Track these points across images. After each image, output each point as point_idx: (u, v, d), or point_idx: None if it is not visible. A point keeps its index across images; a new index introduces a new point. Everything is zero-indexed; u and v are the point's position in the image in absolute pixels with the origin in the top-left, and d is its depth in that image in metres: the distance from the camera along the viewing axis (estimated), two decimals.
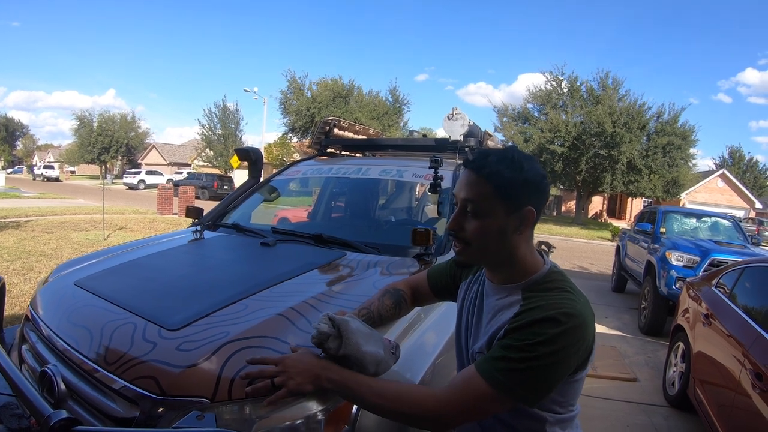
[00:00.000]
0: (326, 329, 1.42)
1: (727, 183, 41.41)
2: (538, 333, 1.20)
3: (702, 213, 10.23)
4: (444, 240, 2.76)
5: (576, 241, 23.73)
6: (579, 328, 1.22)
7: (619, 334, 7.43)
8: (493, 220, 1.32)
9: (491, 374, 1.22)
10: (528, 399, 1.24)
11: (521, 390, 1.21)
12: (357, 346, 1.41)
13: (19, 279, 7.22)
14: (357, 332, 1.44)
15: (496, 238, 1.33)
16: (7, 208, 18.31)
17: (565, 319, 1.21)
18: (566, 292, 1.31)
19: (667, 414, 4.74)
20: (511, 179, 1.30)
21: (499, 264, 1.39)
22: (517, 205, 1.32)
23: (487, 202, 1.31)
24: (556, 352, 1.19)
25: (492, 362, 1.24)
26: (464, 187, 1.35)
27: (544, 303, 1.27)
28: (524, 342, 1.21)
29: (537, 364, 1.19)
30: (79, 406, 1.67)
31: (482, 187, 1.31)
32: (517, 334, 1.24)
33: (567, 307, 1.24)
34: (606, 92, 31.75)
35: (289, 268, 2.39)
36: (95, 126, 56.28)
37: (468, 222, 1.34)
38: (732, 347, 3.60)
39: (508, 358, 1.22)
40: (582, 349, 1.25)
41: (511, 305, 1.35)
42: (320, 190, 4.51)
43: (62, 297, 2.24)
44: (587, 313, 1.27)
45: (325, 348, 1.42)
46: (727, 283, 4.56)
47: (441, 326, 2.14)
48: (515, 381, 1.20)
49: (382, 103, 40.63)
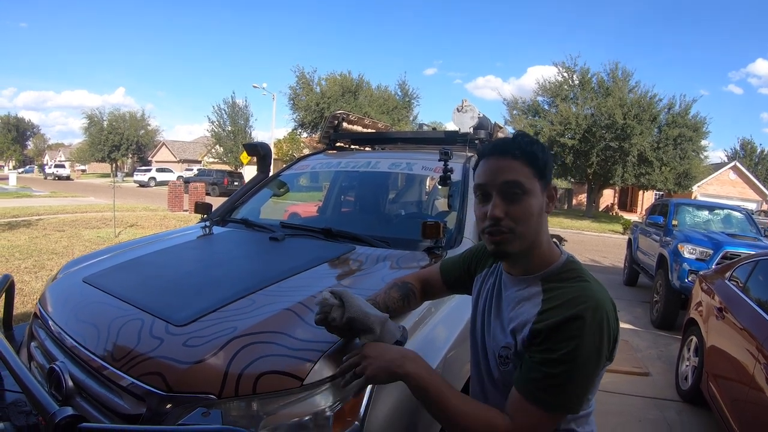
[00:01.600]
0: (329, 298, 1.44)
1: (739, 175, 41.08)
2: (571, 337, 1.21)
3: (714, 205, 10.11)
4: (454, 233, 2.75)
5: (587, 235, 23.64)
6: (605, 322, 1.24)
7: (632, 328, 7.38)
8: (535, 199, 1.33)
9: (544, 401, 1.23)
10: (576, 407, 1.27)
11: (571, 403, 1.25)
12: (359, 308, 1.44)
13: (31, 277, 7.26)
14: (358, 299, 1.47)
15: (537, 218, 1.34)
16: (19, 207, 18.45)
17: (591, 314, 1.22)
18: (585, 282, 1.31)
19: (679, 409, 4.70)
20: (544, 158, 1.35)
21: (527, 250, 1.37)
22: (546, 183, 1.36)
23: (529, 182, 1.32)
24: (593, 355, 1.22)
25: (538, 385, 1.24)
26: (502, 172, 1.33)
27: (567, 298, 1.27)
28: (562, 352, 1.21)
29: (580, 373, 1.22)
30: (87, 403, 1.67)
31: (522, 169, 1.32)
32: (551, 342, 1.24)
33: (589, 299, 1.25)
34: (616, 84, 31.52)
35: (298, 263, 2.38)
36: (105, 124, 56.73)
37: (511, 206, 1.32)
38: (746, 341, 3.55)
39: (553, 375, 1.22)
40: (611, 340, 1.27)
41: (532, 297, 1.36)
42: (329, 184, 4.50)
43: (70, 294, 2.25)
44: (608, 302, 1.28)
45: (329, 320, 1.44)
46: (740, 276, 4.51)
47: (452, 320, 2.12)
48: (565, 397, 1.23)
49: (392, 97, 40.74)
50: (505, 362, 1.39)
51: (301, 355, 1.54)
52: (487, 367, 1.48)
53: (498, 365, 1.42)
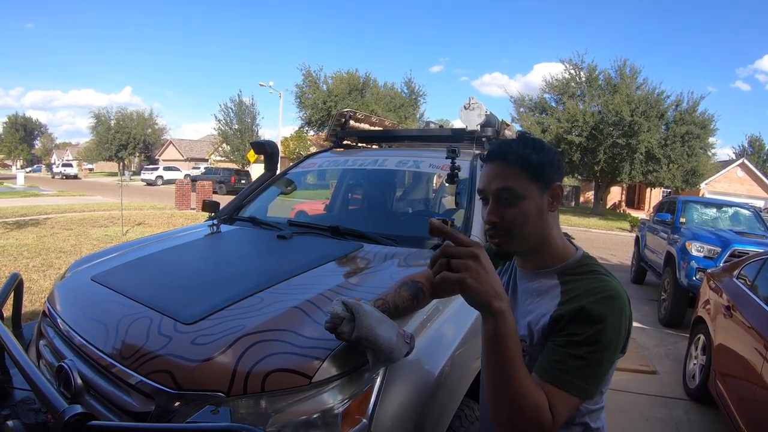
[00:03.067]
0: (340, 312, 1.43)
1: (746, 172, 40.88)
2: (594, 321, 1.21)
3: (722, 203, 10.05)
4: (462, 230, 2.73)
5: (595, 232, 23.56)
6: (624, 312, 1.25)
7: (639, 326, 7.34)
8: (530, 202, 1.33)
9: (567, 382, 1.20)
10: (593, 392, 1.24)
11: (591, 386, 1.22)
12: (370, 328, 1.42)
13: (39, 275, 7.29)
14: (370, 315, 1.45)
15: (536, 219, 1.34)
16: (27, 206, 18.48)
17: (612, 303, 1.24)
18: (602, 275, 1.33)
19: (687, 407, 4.68)
20: (539, 160, 1.34)
21: (536, 248, 1.39)
22: (547, 184, 1.36)
23: (522, 187, 1.33)
24: (614, 340, 1.22)
25: (561, 367, 1.21)
26: (495, 179, 1.35)
27: (586, 288, 1.28)
28: (585, 335, 1.21)
29: (602, 356, 1.21)
30: (96, 401, 1.68)
31: (514, 174, 1.33)
32: (574, 327, 1.23)
33: (611, 289, 1.26)
34: (624, 80, 31.37)
35: (306, 261, 2.38)
36: (113, 123, 56.88)
37: (506, 211, 1.34)
38: (754, 340, 3.53)
39: (576, 356, 1.21)
40: (626, 331, 1.28)
41: (549, 289, 1.37)
42: (337, 182, 4.50)
43: (79, 292, 2.26)
44: (625, 295, 1.29)
45: (338, 332, 1.43)
46: (748, 274, 4.49)
47: (459, 318, 2.11)
48: (587, 379, 1.21)
49: (398, 95, 40.70)
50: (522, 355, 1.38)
51: (309, 353, 1.54)
52: None
53: None
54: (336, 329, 1.43)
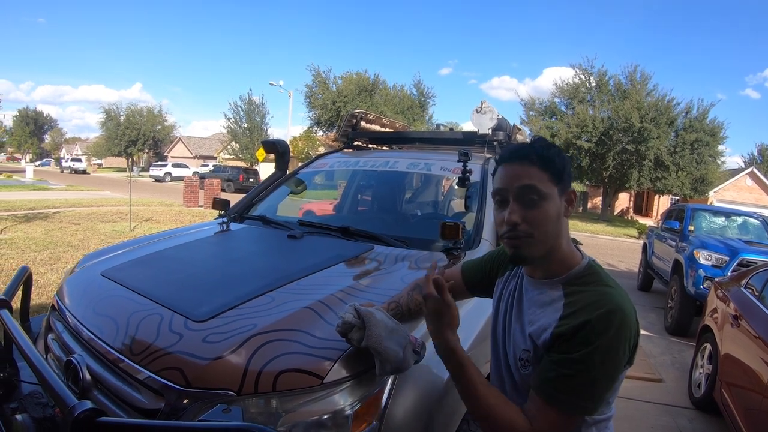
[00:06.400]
0: (351, 319, 1.44)
1: (756, 181, 40.66)
2: (589, 340, 1.22)
3: (731, 212, 9.98)
4: (473, 234, 2.74)
5: (602, 238, 23.49)
6: (625, 326, 1.24)
7: (645, 334, 7.30)
8: (552, 203, 1.33)
9: (560, 401, 1.24)
10: (592, 409, 1.27)
11: (588, 404, 1.25)
12: (379, 339, 1.42)
13: (47, 269, 7.30)
14: (381, 326, 1.45)
15: (555, 223, 1.34)
16: (36, 199, 18.56)
17: (610, 318, 1.23)
18: (607, 287, 1.32)
19: (692, 416, 4.66)
20: (561, 163, 1.36)
21: (547, 255, 1.37)
22: (564, 188, 1.37)
23: (546, 187, 1.32)
24: (611, 357, 1.23)
25: (554, 385, 1.25)
26: (518, 178, 1.34)
27: (588, 302, 1.27)
28: (579, 353, 1.22)
29: (596, 374, 1.22)
30: (104, 396, 1.68)
31: (537, 174, 1.33)
32: (570, 344, 1.25)
33: (611, 304, 1.25)
34: (634, 86, 31.34)
35: (317, 261, 2.38)
36: (122, 119, 57.01)
37: (528, 212, 1.32)
38: (761, 350, 3.51)
39: (568, 375, 1.23)
40: (630, 344, 1.27)
41: (554, 301, 1.36)
42: (347, 182, 4.50)
43: (88, 287, 2.26)
44: (629, 306, 1.28)
45: (348, 338, 1.44)
46: (756, 284, 4.47)
47: (469, 322, 2.09)
48: (581, 398, 1.24)
49: (407, 96, 40.72)
50: (525, 365, 1.39)
51: (321, 353, 1.54)
52: (508, 369, 1.48)
53: (518, 368, 1.42)
54: (346, 335, 1.44)
